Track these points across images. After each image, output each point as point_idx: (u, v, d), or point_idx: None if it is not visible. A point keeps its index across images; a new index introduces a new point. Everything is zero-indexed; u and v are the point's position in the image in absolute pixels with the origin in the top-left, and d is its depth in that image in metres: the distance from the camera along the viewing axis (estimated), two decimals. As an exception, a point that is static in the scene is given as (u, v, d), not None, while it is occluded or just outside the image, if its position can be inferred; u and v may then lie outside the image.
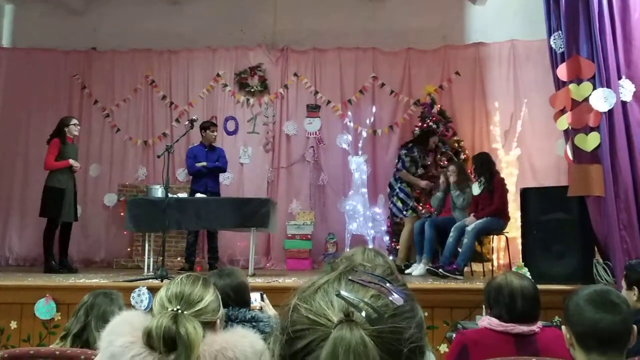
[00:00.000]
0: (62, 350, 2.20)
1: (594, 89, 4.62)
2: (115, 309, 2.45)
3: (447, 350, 3.15)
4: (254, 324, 2.39)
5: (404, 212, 6.60)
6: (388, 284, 0.76)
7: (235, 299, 2.48)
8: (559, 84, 4.89)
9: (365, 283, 0.76)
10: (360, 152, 7.98)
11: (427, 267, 5.72)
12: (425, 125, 7.58)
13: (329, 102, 8.28)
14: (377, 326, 0.71)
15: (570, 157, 4.81)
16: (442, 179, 6.44)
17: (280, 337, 0.76)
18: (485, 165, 6.00)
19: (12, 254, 8.07)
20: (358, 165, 7.85)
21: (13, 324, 4.45)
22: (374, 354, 0.68)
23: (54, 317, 4.45)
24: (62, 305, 4.47)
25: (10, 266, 7.79)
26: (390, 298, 0.74)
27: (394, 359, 0.71)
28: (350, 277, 0.77)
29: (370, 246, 7.59)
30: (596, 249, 4.89)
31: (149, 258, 5.94)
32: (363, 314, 0.71)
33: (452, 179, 6.19)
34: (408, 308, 0.75)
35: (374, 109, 8.14)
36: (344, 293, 0.73)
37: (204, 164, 6.71)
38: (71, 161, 6.25)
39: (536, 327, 2.33)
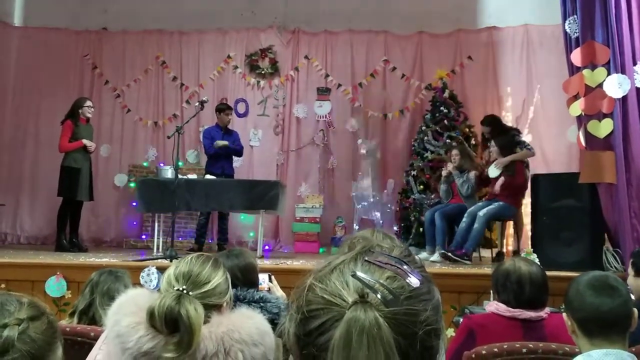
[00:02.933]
0: (73, 327, 2.23)
1: (608, 74, 4.57)
2: (120, 287, 2.48)
3: (453, 334, 3.15)
4: (261, 304, 2.41)
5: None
6: (405, 266, 0.75)
7: (243, 280, 2.49)
8: (573, 70, 4.84)
9: (382, 264, 0.75)
10: (370, 136, 7.95)
11: (442, 252, 5.70)
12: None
13: (339, 85, 8.24)
14: (392, 308, 0.70)
15: (583, 143, 4.77)
16: (444, 171, 6.36)
17: (295, 316, 0.75)
18: (512, 146, 5.96)
19: (24, 233, 8.15)
20: (368, 149, 7.83)
21: (24, 301, 4.50)
22: (388, 336, 0.68)
23: (64, 295, 4.50)
24: (72, 283, 4.52)
25: (21, 244, 7.87)
26: (407, 280, 0.73)
27: (408, 341, 0.70)
28: (366, 258, 0.76)
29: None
30: (606, 236, 4.86)
31: (158, 238, 5.99)
32: (378, 295, 0.71)
33: (449, 165, 6.14)
34: (425, 290, 0.75)
35: (384, 93, 8.09)
36: (359, 274, 0.73)
37: (226, 143, 6.70)
38: (84, 141, 6.28)
39: (544, 313, 2.33)
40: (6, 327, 0.94)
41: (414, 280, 0.74)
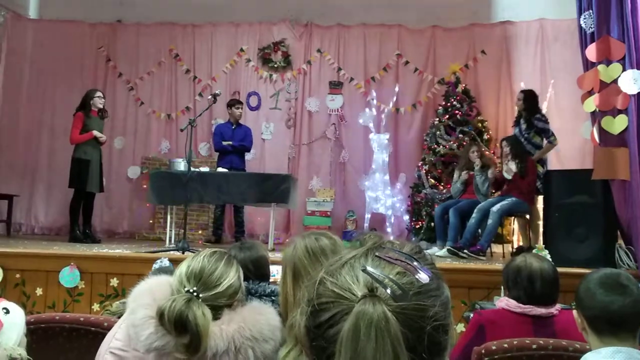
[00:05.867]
0: (86, 316, 2.26)
1: (624, 70, 4.52)
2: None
3: (464, 330, 3.16)
4: (272, 298, 2.42)
5: None
6: (415, 262, 0.77)
7: (254, 273, 2.51)
8: (588, 65, 4.79)
9: (392, 260, 0.76)
10: (382, 130, 7.94)
11: (448, 248, 5.68)
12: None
13: (351, 79, 8.22)
14: (401, 303, 0.71)
15: (597, 139, 4.73)
16: (464, 173, 6.26)
17: (306, 309, 0.77)
18: (521, 148, 5.92)
19: (38, 223, 8.25)
20: (380, 144, 7.82)
21: (39, 291, 4.57)
22: (396, 330, 0.69)
23: (77, 285, 4.55)
24: (85, 274, 4.57)
25: (35, 235, 7.97)
26: (416, 276, 0.75)
27: (416, 335, 0.71)
28: (377, 254, 0.77)
29: (389, 225, 7.62)
30: (619, 233, 4.83)
31: (170, 230, 6.03)
32: (388, 290, 0.72)
33: (477, 162, 6.05)
34: (434, 286, 0.76)
35: (397, 87, 8.07)
36: (369, 269, 0.74)
37: (230, 143, 6.78)
38: (95, 132, 6.33)
39: (554, 309, 2.32)
40: None
41: (423, 277, 0.75)
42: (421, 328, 0.72)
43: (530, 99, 6.20)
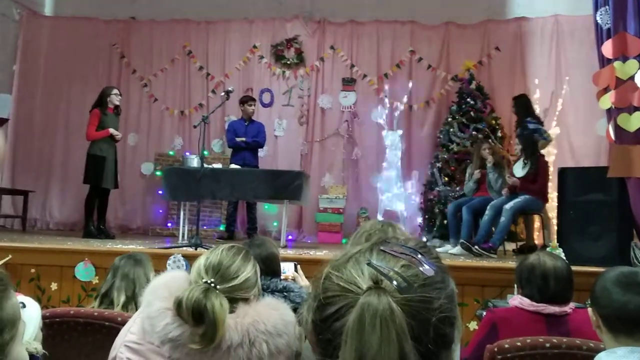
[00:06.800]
0: (100, 311, 2.28)
1: (640, 67, 4.47)
2: (139, 271, 2.56)
3: (477, 327, 3.14)
4: (285, 294, 2.43)
5: None
6: (419, 255, 0.77)
7: (265, 270, 2.51)
8: (604, 62, 4.74)
9: (397, 254, 0.77)
10: (395, 127, 7.92)
11: (461, 241, 5.66)
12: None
13: (364, 76, 8.21)
14: (406, 295, 0.72)
15: (612, 137, 4.68)
16: (470, 170, 6.25)
17: (312, 304, 0.78)
18: (533, 146, 5.88)
19: (53, 219, 8.34)
20: (393, 141, 7.80)
21: (54, 286, 4.62)
22: (401, 320, 0.70)
23: (92, 280, 4.60)
24: (100, 269, 4.61)
25: (50, 230, 8.05)
26: (421, 269, 0.75)
27: (421, 327, 0.72)
28: (382, 248, 0.78)
29: (402, 223, 7.59)
30: (634, 232, 4.78)
31: (183, 226, 6.06)
32: (393, 282, 0.73)
33: (489, 159, 6.03)
34: (439, 279, 0.76)
35: (410, 84, 8.04)
36: (374, 262, 0.75)
37: (243, 139, 6.80)
38: (111, 130, 6.37)
39: (568, 308, 2.30)
40: None
41: (428, 269, 0.76)
42: (427, 319, 0.73)
43: (519, 104, 6.39)
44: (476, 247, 5.45)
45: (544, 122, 6.66)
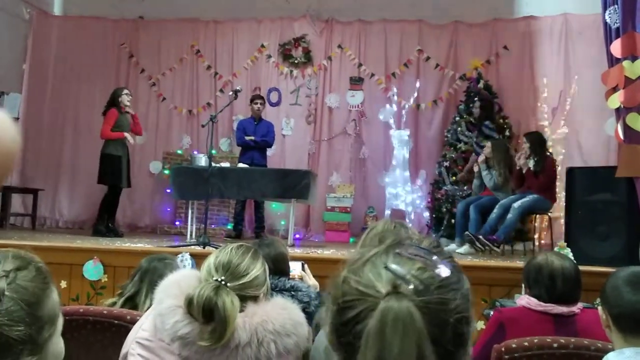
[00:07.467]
0: (110, 310, 2.29)
1: (649, 66, 4.44)
2: (167, 273, 2.52)
3: (484, 327, 3.14)
4: (292, 293, 2.44)
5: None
6: (434, 257, 0.79)
7: (274, 269, 2.53)
8: (613, 61, 4.72)
9: (412, 256, 0.78)
10: (402, 127, 7.91)
11: (466, 233, 5.65)
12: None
13: (372, 75, 8.20)
14: (424, 297, 0.73)
15: (621, 136, 4.66)
16: (475, 167, 6.27)
17: (332, 307, 0.80)
18: (540, 145, 5.86)
19: (62, 217, 8.38)
20: (400, 140, 7.79)
21: (63, 284, 4.65)
22: (420, 324, 0.71)
23: (101, 279, 4.62)
24: (108, 268, 4.64)
25: (59, 228, 8.10)
26: (436, 270, 0.77)
27: (440, 328, 0.73)
28: (397, 251, 0.79)
29: (409, 222, 7.58)
30: (643, 232, 4.76)
31: (191, 225, 6.09)
32: (410, 285, 0.74)
33: (482, 157, 6.05)
34: (454, 279, 0.78)
35: (418, 83, 8.03)
36: (391, 266, 0.76)
37: (252, 138, 6.83)
38: (126, 135, 6.40)
39: (576, 308, 2.30)
40: None
41: (443, 270, 0.77)
42: (445, 321, 0.74)
43: (486, 106, 6.59)
44: (480, 237, 5.44)
45: (552, 121, 6.66)
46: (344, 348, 0.78)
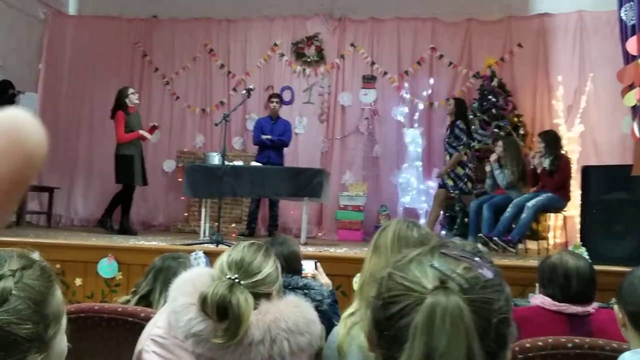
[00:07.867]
0: (124, 307, 2.31)
1: (666, 63, 4.39)
2: (181, 271, 2.52)
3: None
4: (305, 291, 2.44)
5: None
6: (477, 259, 0.81)
7: (286, 268, 2.53)
8: (628, 58, 4.67)
9: (457, 257, 0.80)
10: (415, 125, 7.89)
11: (479, 235, 5.62)
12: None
13: (385, 73, 8.18)
14: (470, 295, 0.75)
15: (637, 134, 4.62)
16: (487, 167, 6.25)
17: (375, 302, 0.81)
18: (555, 144, 5.82)
19: (77, 215, 8.47)
20: (413, 138, 7.77)
21: (78, 281, 4.69)
22: (469, 319, 0.73)
23: (115, 276, 4.66)
24: (123, 265, 4.67)
25: (74, 226, 8.18)
26: (480, 271, 0.78)
27: (484, 326, 0.75)
28: (442, 251, 0.81)
29: (419, 218, 7.56)
30: (660, 231, 4.70)
31: (205, 223, 6.11)
32: (456, 283, 0.76)
33: (494, 156, 6.01)
34: (497, 282, 0.79)
35: (431, 81, 8.00)
36: (437, 264, 0.78)
37: (269, 137, 6.85)
38: (142, 132, 6.49)
39: (591, 308, 2.28)
40: (1, 278, 1.02)
41: (487, 272, 0.79)
42: (488, 320, 0.75)
43: (459, 106, 6.54)
44: (495, 239, 5.41)
45: (567, 120, 6.59)
46: (385, 344, 0.79)
